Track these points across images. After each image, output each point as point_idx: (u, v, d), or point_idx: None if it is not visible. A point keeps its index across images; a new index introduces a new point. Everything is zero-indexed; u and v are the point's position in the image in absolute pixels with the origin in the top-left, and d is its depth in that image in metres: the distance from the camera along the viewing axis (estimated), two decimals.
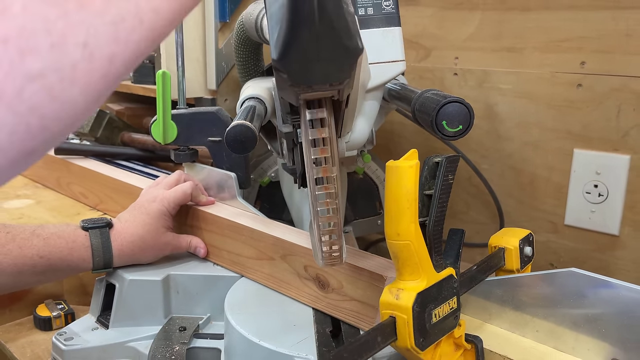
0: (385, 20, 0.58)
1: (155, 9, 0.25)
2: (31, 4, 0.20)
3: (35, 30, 0.20)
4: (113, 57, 0.23)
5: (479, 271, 0.50)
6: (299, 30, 0.34)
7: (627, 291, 0.44)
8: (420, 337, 0.41)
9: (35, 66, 0.21)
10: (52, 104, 0.22)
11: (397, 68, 0.60)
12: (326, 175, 0.44)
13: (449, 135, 0.48)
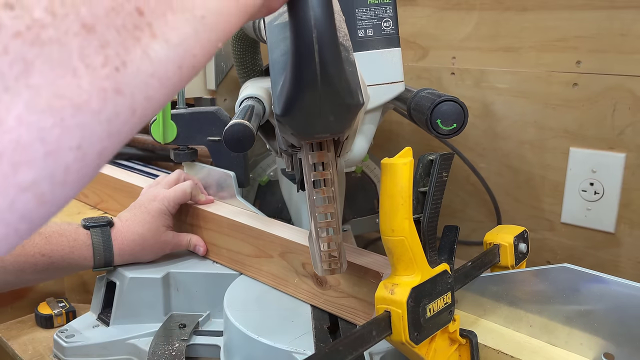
0: (385, 42, 0.58)
1: (149, 97, 0.24)
2: (26, 115, 0.20)
3: (30, 141, 0.20)
4: (103, 151, 0.23)
5: (474, 267, 0.51)
6: (302, 91, 0.35)
7: (618, 286, 0.44)
8: (414, 331, 0.41)
9: (28, 177, 0.20)
10: (42, 208, 0.21)
11: (396, 89, 0.60)
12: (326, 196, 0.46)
13: (444, 133, 0.49)
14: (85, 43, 0.22)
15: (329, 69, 0.34)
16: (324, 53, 0.33)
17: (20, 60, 0.20)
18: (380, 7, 0.57)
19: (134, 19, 0.24)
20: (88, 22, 0.22)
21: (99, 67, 0.22)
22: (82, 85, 0.22)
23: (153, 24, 0.24)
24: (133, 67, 0.23)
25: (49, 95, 0.21)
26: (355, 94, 0.38)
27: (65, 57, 0.21)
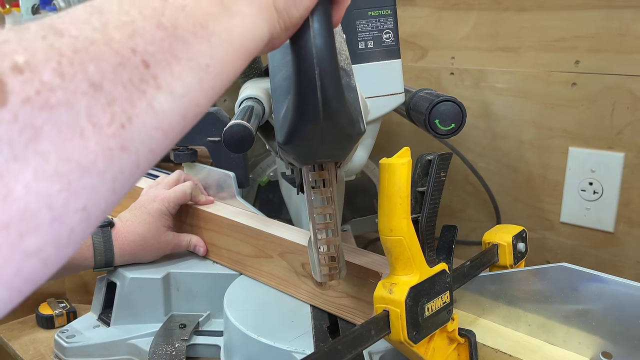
0: (385, 54, 0.59)
1: (152, 150, 0.24)
2: (34, 183, 0.20)
3: (37, 209, 0.20)
4: (107, 208, 0.23)
5: (472, 267, 0.51)
6: (304, 124, 0.36)
7: (616, 285, 0.45)
8: (413, 330, 0.42)
9: (34, 244, 0.20)
10: (46, 270, 0.21)
11: (396, 100, 0.61)
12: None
13: (442, 133, 0.49)
14: (92, 102, 0.22)
15: (331, 104, 0.34)
16: (327, 89, 0.34)
17: (29, 127, 0.20)
18: (380, 19, 0.57)
19: (140, 71, 0.24)
20: (96, 80, 0.22)
21: (106, 126, 0.22)
22: (89, 146, 0.21)
23: (158, 76, 0.24)
24: (138, 122, 0.23)
25: (57, 161, 0.20)
26: (356, 123, 0.38)
27: (73, 118, 0.21)
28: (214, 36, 0.27)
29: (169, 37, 0.25)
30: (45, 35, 0.22)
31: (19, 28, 0.22)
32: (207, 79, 0.27)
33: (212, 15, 0.28)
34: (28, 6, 1.80)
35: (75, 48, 0.22)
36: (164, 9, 0.26)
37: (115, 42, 0.23)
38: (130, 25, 0.24)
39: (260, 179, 0.97)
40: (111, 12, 0.24)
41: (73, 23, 0.23)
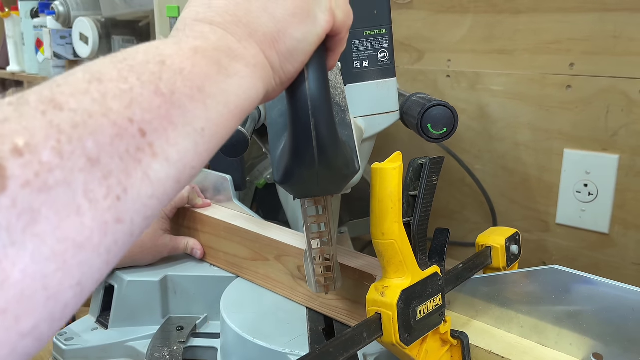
0: (380, 73, 0.59)
1: (147, 217, 0.24)
2: (31, 266, 0.20)
3: (33, 292, 0.20)
4: (101, 277, 0.23)
5: (465, 269, 0.52)
6: (300, 169, 0.37)
7: (607, 288, 0.45)
8: (405, 332, 0.42)
9: (30, 324, 0.20)
10: (39, 344, 0.21)
11: (391, 118, 0.61)
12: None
13: (434, 137, 0.50)
14: (89, 177, 0.22)
15: (327, 152, 0.35)
16: (322, 139, 0.34)
17: (28, 210, 0.20)
18: (376, 38, 0.57)
19: (137, 141, 0.24)
20: (93, 155, 0.22)
21: (102, 200, 0.22)
22: (85, 222, 0.21)
23: (154, 143, 0.24)
24: (134, 192, 0.23)
25: (53, 241, 0.20)
26: (351, 164, 0.39)
27: (71, 197, 0.21)
28: (210, 98, 0.27)
29: (166, 103, 0.25)
30: (45, 111, 0.22)
31: (19, 102, 0.22)
32: (202, 142, 0.27)
33: (209, 77, 0.28)
34: (27, 10, 1.81)
35: (74, 123, 0.22)
36: (162, 72, 0.26)
37: (113, 112, 0.23)
38: (129, 93, 0.24)
39: (258, 181, 0.98)
40: (110, 80, 0.24)
41: (72, 94, 0.23)
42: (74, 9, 1.48)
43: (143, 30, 1.45)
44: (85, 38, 1.45)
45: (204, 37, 0.30)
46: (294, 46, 0.33)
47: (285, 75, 0.33)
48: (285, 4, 0.32)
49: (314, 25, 0.33)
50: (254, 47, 0.31)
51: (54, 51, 1.55)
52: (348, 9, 0.37)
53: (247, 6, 0.31)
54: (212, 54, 0.29)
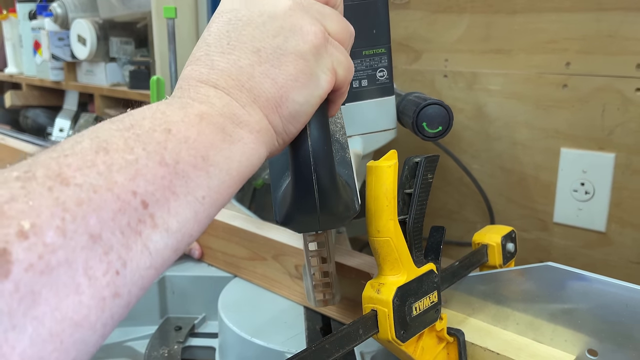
0: (379, 91, 0.58)
1: (144, 288, 0.24)
2: (29, 349, 0.20)
3: None
4: (95, 350, 0.23)
5: (461, 267, 0.52)
6: (301, 215, 0.37)
7: (601, 284, 0.45)
8: (401, 329, 0.42)
9: None
10: None
11: (389, 136, 0.62)
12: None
13: (430, 136, 0.50)
14: (90, 255, 0.22)
15: (328, 202, 0.36)
16: (324, 190, 0.35)
17: (29, 293, 0.20)
18: (375, 58, 0.57)
19: (139, 213, 0.24)
20: (95, 232, 0.22)
21: (101, 277, 0.22)
22: (83, 301, 0.21)
23: (155, 214, 0.24)
24: (132, 265, 0.23)
25: (52, 323, 0.20)
26: (352, 207, 0.40)
27: (71, 276, 0.21)
28: (213, 166, 0.27)
29: (170, 174, 0.25)
30: (51, 187, 0.22)
31: (27, 176, 0.22)
32: (202, 211, 0.27)
33: (213, 145, 0.28)
34: (25, 12, 1.81)
35: (79, 199, 0.22)
36: (167, 141, 0.26)
37: (117, 186, 0.23)
38: (134, 165, 0.24)
39: (256, 182, 0.98)
40: (116, 150, 0.24)
41: (79, 167, 0.23)
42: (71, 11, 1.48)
43: (140, 31, 1.46)
44: (83, 40, 1.46)
45: (209, 102, 0.30)
46: (297, 109, 0.33)
47: (288, 135, 0.34)
48: (287, 68, 0.32)
49: (316, 87, 0.33)
50: (258, 112, 0.31)
51: (52, 53, 1.56)
52: (349, 64, 0.36)
53: (250, 71, 0.31)
54: (217, 121, 0.29)
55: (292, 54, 0.32)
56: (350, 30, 0.37)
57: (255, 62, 0.32)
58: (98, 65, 1.50)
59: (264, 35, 0.32)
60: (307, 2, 0.34)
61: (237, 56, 0.32)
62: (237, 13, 0.33)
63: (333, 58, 0.34)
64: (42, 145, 1.44)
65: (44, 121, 1.89)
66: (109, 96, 1.47)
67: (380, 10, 0.55)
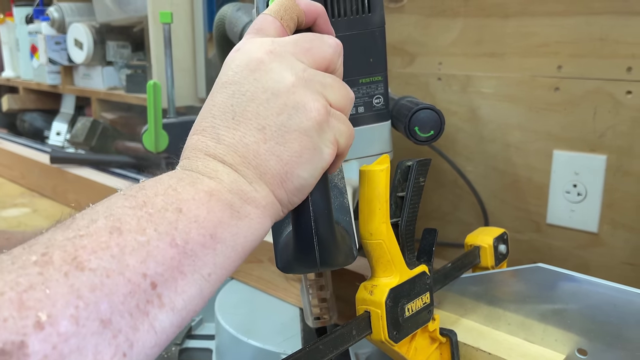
0: (375, 117, 0.59)
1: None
2: None
3: None
4: None
5: (454, 268, 0.53)
6: (302, 267, 0.38)
7: (590, 285, 0.46)
8: (393, 330, 0.43)
9: None
10: None
11: None
12: None
13: (422, 140, 0.51)
14: (100, 339, 0.23)
15: (328, 258, 0.37)
16: (324, 250, 0.36)
17: None
18: (371, 85, 0.57)
19: (147, 294, 0.25)
20: (106, 317, 0.23)
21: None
22: None
23: (163, 294, 0.25)
24: (139, 346, 0.24)
25: None
26: (350, 256, 0.41)
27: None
28: (221, 243, 0.28)
29: (179, 254, 0.26)
30: (67, 273, 0.23)
31: (44, 259, 0.23)
32: (207, 287, 0.28)
33: (222, 222, 0.29)
34: (22, 16, 1.82)
35: (92, 285, 0.23)
36: (178, 221, 0.27)
37: (129, 269, 0.24)
38: (145, 246, 0.25)
39: None
40: (129, 231, 0.25)
41: (94, 250, 0.24)
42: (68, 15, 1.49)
43: (137, 35, 1.46)
44: (79, 44, 1.46)
45: (218, 178, 0.31)
46: (301, 183, 0.33)
47: (292, 205, 0.35)
48: (292, 146, 0.32)
49: (320, 161, 0.34)
50: (264, 188, 0.32)
51: (49, 57, 1.56)
52: (350, 132, 0.37)
53: (256, 148, 0.32)
54: (226, 197, 0.30)
55: (296, 131, 0.33)
56: (350, 96, 0.37)
57: (260, 140, 0.32)
58: (95, 69, 1.50)
59: (268, 112, 0.33)
60: (309, 75, 0.34)
61: (243, 132, 0.32)
62: (240, 87, 0.33)
63: (335, 130, 0.35)
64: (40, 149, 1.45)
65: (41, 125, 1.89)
66: (106, 100, 1.47)
67: (378, 40, 0.56)
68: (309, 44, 0.35)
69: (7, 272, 0.22)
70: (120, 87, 1.47)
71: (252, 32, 0.36)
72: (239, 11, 0.76)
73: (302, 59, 0.34)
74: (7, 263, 0.23)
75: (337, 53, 0.36)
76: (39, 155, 1.32)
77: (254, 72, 0.33)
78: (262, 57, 0.33)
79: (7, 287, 0.21)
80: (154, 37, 1.04)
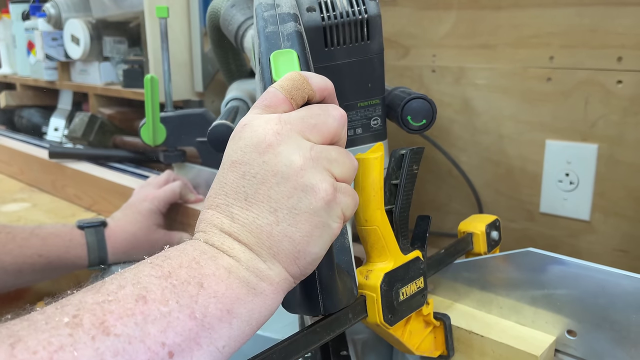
0: (372, 137, 0.60)
1: None
2: None
3: None
4: None
5: (447, 255, 0.54)
6: (306, 312, 0.41)
7: (578, 268, 0.48)
8: (388, 313, 0.45)
9: None
10: None
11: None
12: None
13: (414, 129, 0.52)
14: None
15: (330, 301, 0.39)
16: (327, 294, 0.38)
17: None
18: (369, 108, 0.58)
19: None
20: None
21: None
22: None
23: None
24: None
25: None
26: (351, 297, 0.42)
27: None
28: (236, 318, 0.30)
29: (197, 326, 0.28)
30: (94, 337, 0.25)
31: (75, 322, 0.25)
32: (220, 357, 0.29)
33: (239, 299, 0.30)
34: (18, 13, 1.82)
35: (115, 350, 0.25)
36: (199, 295, 0.29)
37: (150, 337, 0.26)
38: (167, 317, 0.27)
39: None
40: (154, 300, 0.27)
41: (120, 316, 0.26)
42: (64, 11, 1.49)
43: (134, 31, 1.47)
44: (76, 39, 1.47)
45: (236, 257, 0.32)
46: (313, 258, 0.35)
47: (304, 277, 0.36)
48: (303, 227, 0.34)
49: (329, 235, 0.35)
50: (278, 266, 0.33)
51: (46, 53, 1.57)
52: (355, 202, 0.38)
53: (269, 230, 0.33)
54: (243, 275, 0.32)
55: (306, 212, 0.34)
56: (354, 165, 0.38)
57: (273, 222, 0.34)
58: (92, 64, 1.51)
59: (279, 196, 0.34)
60: (316, 154, 0.35)
61: (256, 214, 0.34)
62: (250, 168, 0.35)
63: (342, 205, 0.36)
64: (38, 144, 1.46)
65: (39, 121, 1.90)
66: (103, 95, 1.48)
67: (376, 66, 0.57)
68: (315, 120, 0.36)
69: (40, 332, 0.24)
70: (117, 83, 1.47)
71: (261, 107, 0.36)
72: (233, 8, 0.76)
73: (309, 136, 0.35)
74: (41, 323, 0.24)
75: (341, 125, 0.37)
76: (37, 151, 1.33)
77: (263, 155, 0.34)
78: (270, 140, 0.34)
79: (40, 346, 0.23)
80: (151, 31, 1.04)
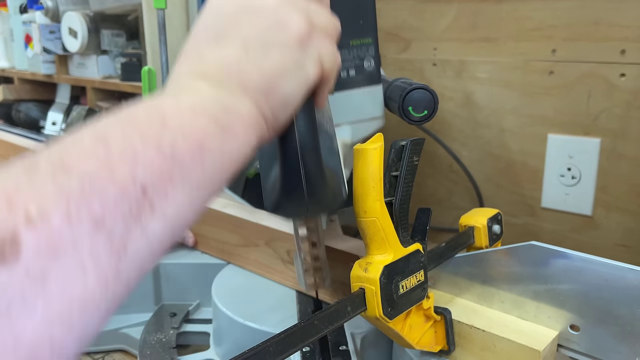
0: (366, 80, 0.59)
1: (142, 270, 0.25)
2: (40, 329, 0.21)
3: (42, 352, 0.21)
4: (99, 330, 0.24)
5: (448, 248, 0.53)
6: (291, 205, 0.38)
7: (581, 262, 0.47)
8: (388, 306, 0.44)
9: None
10: None
11: (378, 124, 0.62)
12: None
13: (415, 120, 0.51)
14: (94, 239, 0.23)
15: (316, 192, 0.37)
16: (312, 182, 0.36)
17: (39, 277, 0.21)
18: (362, 48, 0.57)
19: (138, 200, 0.25)
20: (99, 218, 0.23)
21: (105, 260, 0.23)
22: (88, 283, 0.22)
23: (154, 201, 0.25)
24: (132, 250, 0.24)
25: (61, 304, 0.21)
26: (339, 196, 0.41)
27: (77, 260, 0.22)
28: (208, 155, 0.29)
29: (167, 161, 0.26)
30: (54, 175, 0.23)
31: (29, 167, 0.23)
32: (197, 197, 0.28)
33: (207, 135, 0.29)
34: (16, 6, 1.81)
35: (82, 186, 0.23)
36: (163, 131, 0.27)
37: (117, 173, 0.24)
38: (132, 153, 0.25)
39: (248, 171, 0.99)
40: (115, 140, 0.25)
41: (80, 157, 0.24)
42: (62, 4, 1.48)
43: (131, 24, 1.46)
44: (74, 32, 1.46)
45: (201, 94, 0.31)
46: (285, 99, 0.34)
47: (278, 124, 0.35)
48: (274, 58, 0.33)
49: (303, 77, 0.34)
50: (247, 102, 0.32)
51: (44, 46, 1.56)
52: (335, 56, 0.37)
53: (238, 64, 0.32)
54: (210, 112, 0.30)
55: (277, 46, 0.33)
56: (336, 24, 0.38)
57: (242, 54, 0.33)
58: (89, 57, 1.50)
59: (251, 30, 0.33)
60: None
61: (226, 51, 0.33)
62: (224, 8, 0.34)
63: (319, 49, 0.35)
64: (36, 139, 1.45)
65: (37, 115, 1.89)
66: (101, 89, 1.47)
67: (367, 2, 0.56)
68: None
69: None
70: (115, 76, 1.46)
71: None
72: None
73: None
74: None
75: None
76: (35, 145, 1.32)
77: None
78: None
79: None
80: (149, 23, 1.03)
